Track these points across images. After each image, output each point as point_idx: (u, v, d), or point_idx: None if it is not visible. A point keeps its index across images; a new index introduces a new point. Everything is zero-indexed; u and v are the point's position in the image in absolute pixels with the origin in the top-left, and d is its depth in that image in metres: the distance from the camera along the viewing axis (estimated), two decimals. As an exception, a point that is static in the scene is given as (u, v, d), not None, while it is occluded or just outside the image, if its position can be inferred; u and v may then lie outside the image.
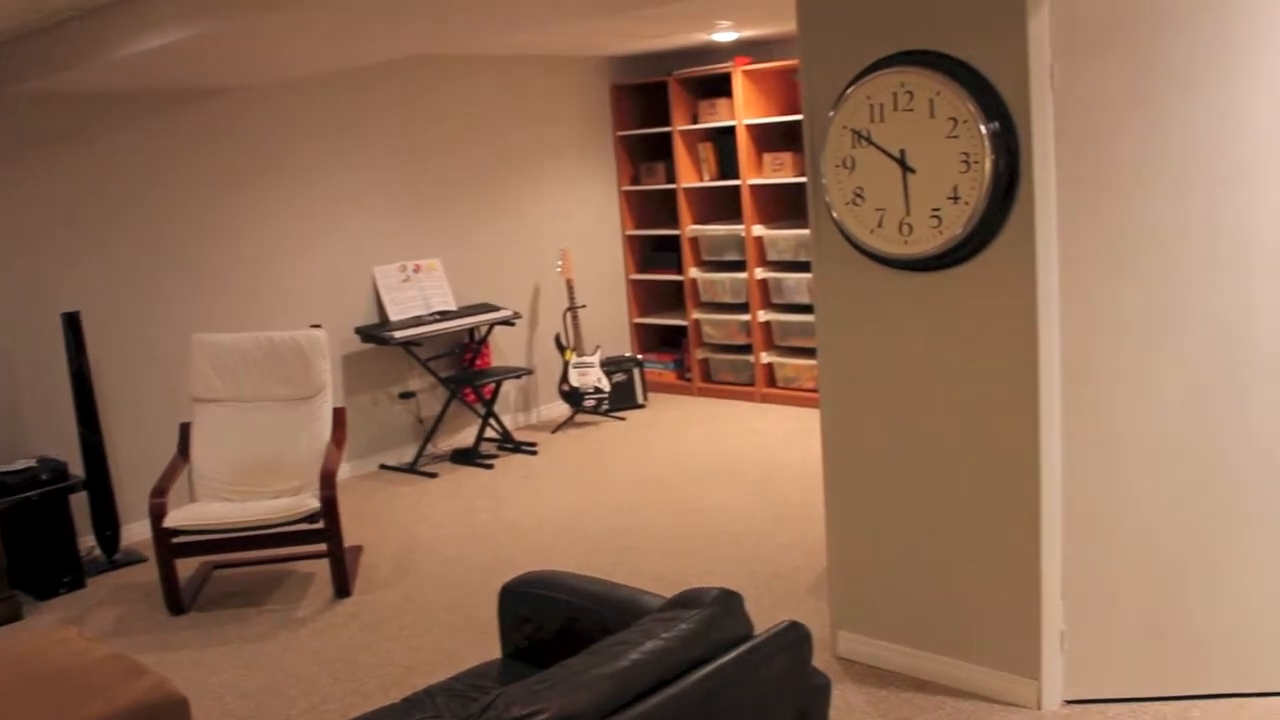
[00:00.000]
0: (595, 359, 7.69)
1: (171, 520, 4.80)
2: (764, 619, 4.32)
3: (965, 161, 3.30)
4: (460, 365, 7.45)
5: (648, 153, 8.65)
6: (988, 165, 3.26)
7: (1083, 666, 3.56)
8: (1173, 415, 3.39)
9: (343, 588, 4.98)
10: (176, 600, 4.91)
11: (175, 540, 4.83)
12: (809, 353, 7.70)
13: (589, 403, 7.66)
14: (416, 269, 7.19)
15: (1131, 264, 3.33)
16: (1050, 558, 3.48)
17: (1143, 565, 3.48)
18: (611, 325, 8.59)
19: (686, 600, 2.40)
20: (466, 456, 7.12)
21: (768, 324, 7.93)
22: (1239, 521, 3.44)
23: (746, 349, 8.16)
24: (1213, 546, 3.45)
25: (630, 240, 8.60)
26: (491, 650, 4.34)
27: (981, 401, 3.51)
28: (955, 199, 3.35)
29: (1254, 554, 3.45)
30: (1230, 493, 3.42)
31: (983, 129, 3.25)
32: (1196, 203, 3.28)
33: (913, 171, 3.43)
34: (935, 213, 3.40)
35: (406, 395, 7.25)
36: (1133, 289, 3.34)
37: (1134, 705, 3.55)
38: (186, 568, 5.52)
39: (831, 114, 3.58)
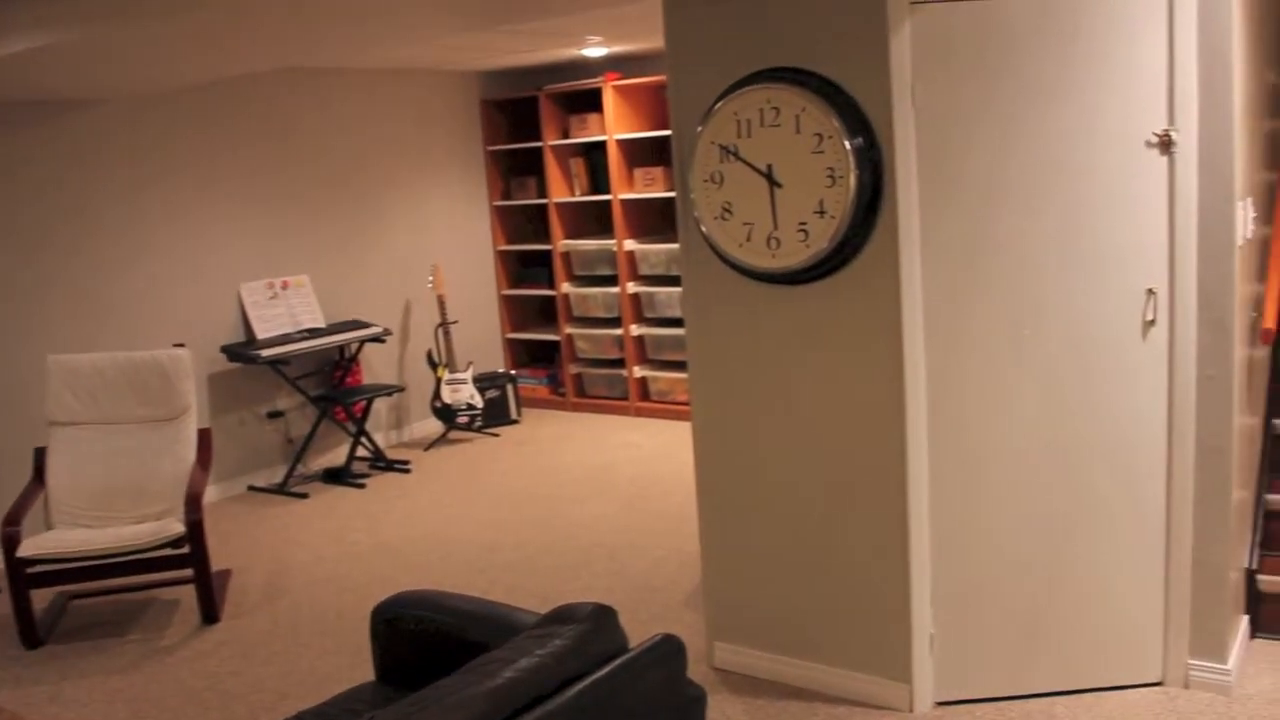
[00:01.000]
0: (468, 375, 7.63)
1: (26, 549, 4.61)
2: (640, 632, 4.33)
3: (831, 176, 3.37)
4: (330, 383, 7.32)
5: (519, 168, 8.64)
6: (852, 180, 3.33)
7: (952, 668, 3.64)
8: (1030, 421, 3.50)
9: (210, 614, 4.85)
10: (32, 633, 4.72)
11: (30, 570, 4.64)
12: (682, 366, 7.76)
13: (462, 419, 7.59)
14: (284, 286, 7.05)
15: (988, 275, 3.43)
16: (919, 563, 3.55)
17: (1007, 567, 3.59)
18: (484, 341, 8.54)
19: (561, 616, 2.40)
20: (338, 476, 7.00)
21: (640, 338, 7.96)
22: (1095, 522, 3.56)
23: (620, 363, 8.18)
24: (1071, 547, 3.57)
25: (502, 255, 8.57)
26: (365, 673, 4.26)
27: (849, 412, 3.58)
28: (821, 213, 3.41)
29: (1110, 553, 3.58)
30: (1085, 495, 3.54)
31: (847, 144, 3.32)
32: (1048, 214, 3.39)
33: (780, 186, 3.48)
34: (802, 226, 3.46)
35: (275, 415, 7.09)
36: (990, 300, 3.44)
37: (1001, 704, 3.65)
38: (42, 599, 5.31)
39: (700, 129, 3.62)
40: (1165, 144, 3.37)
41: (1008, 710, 3.61)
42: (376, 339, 7.23)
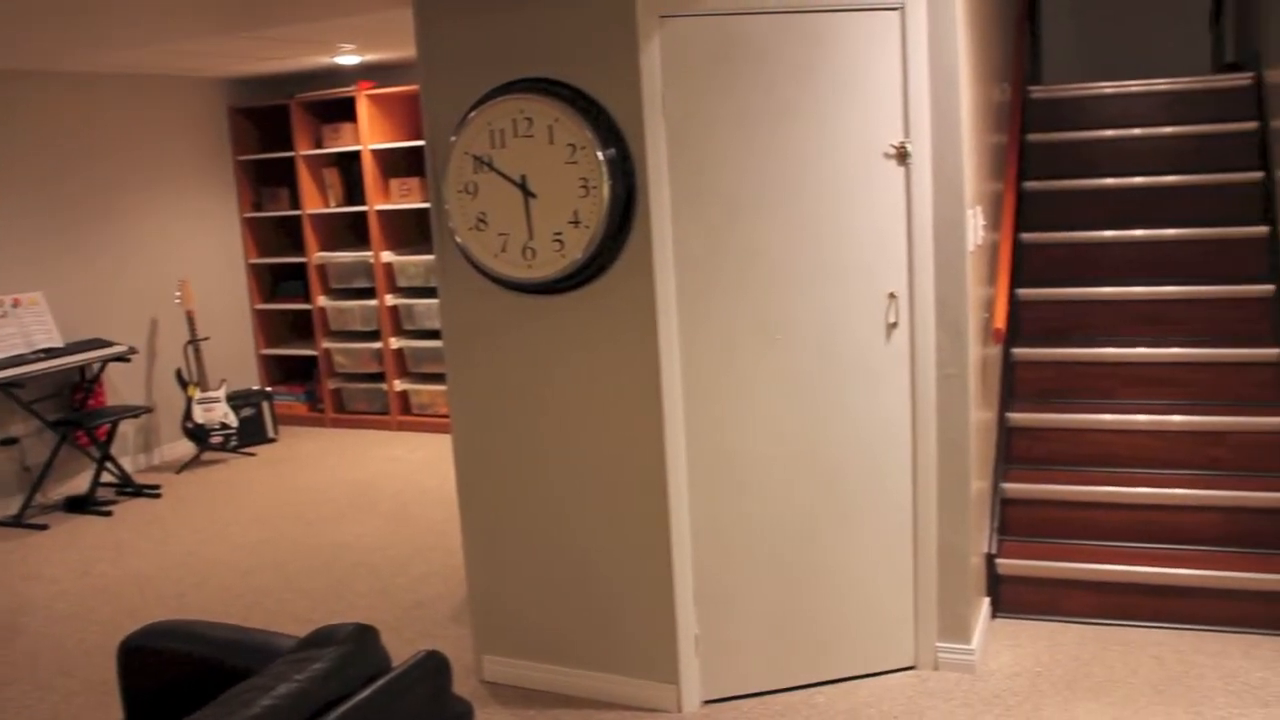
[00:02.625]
0: (221, 393, 7.34)
1: None
2: (406, 651, 4.25)
3: (585, 186, 3.40)
4: (70, 406, 6.90)
5: (270, 178, 8.36)
6: (606, 190, 3.36)
7: (718, 666, 3.72)
8: (783, 422, 3.62)
9: (-64, 660, 4.50)
10: None
11: None
12: (444, 378, 7.66)
13: (216, 440, 7.29)
14: (15, 303, 6.60)
15: (739, 282, 3.53)
16: (681, 565, 3.62)
17: (765, 564, 3.69)
18: (237, 358, 8.23)
19: (320, 639, 2.33)
20: (81, 504, 6.61)
21: (400, 351, 7.84)
22: (846, 517, 3.71)
23: (380, 377, 8.03)
24: (825, 542, 3.71)
25: (254, 269, 8.28)
26: (114, 713, 4.03)
27: (609, 419, 3.61)
28: (576, 223, 3.43)
29: (861, 546, 3.74)
30: (836, 491, 3.69)
31: (600, 155, 3.36)
32: (794, 223, 3.52)
33: (534, 196, 3.49)
34: (557, 236, 3.47)
35: (8, 442, 6.64)
36: (741, 306, 3.54)
37: (765, 698, 3.75)
38: None
39: (453, 139, 3.59)
40: (901, 156, 3.55)
41: (771, 704, 3.72)
42: (121, 358, 6.86)
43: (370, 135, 7.58)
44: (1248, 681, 3.69)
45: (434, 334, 7.69)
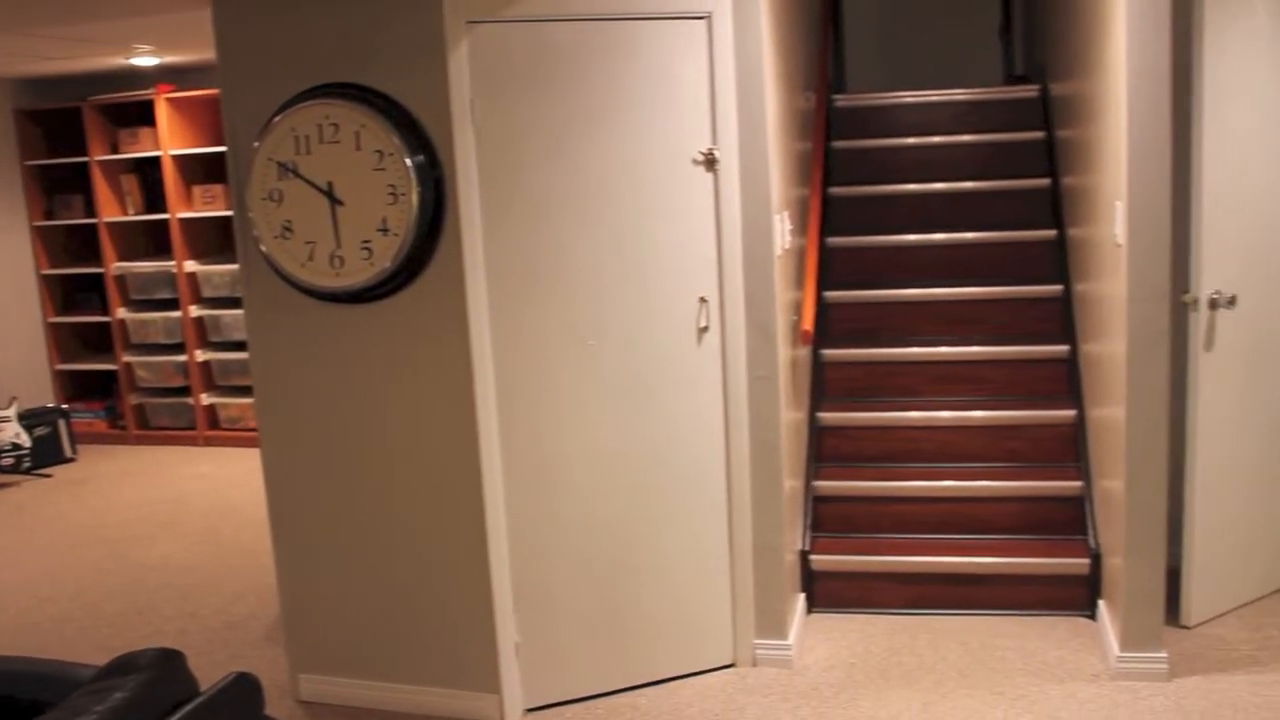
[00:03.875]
0: (11, 412, 6.96)
1: None
2: (217, 674, 4.11)
3: (393, 194, 3.34)
4: None
5: (63, 184, 7.97)
6: (414, 197, 3.32)
7: (539, 674, 3.71)
8: (598, 427, 3.63)
9: None
10: None
11: None
12: (252, 391, 7.44)
13: (7, 461, 6.92)
14: None
15: (552, 288, 3.53)
16: (500, 573, 3.59)
17: (584, 569, 3.70)
18: (29, 374, 7.82)
19: (121, 666, 2.22)
20: None
21: (207, 364, 7.57)
22: (663, 519, 3.75)
23: (185, 391, 7.74)
24: (643, 544, 3.74)
25: (46, 280, 7.88)
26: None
27: (422, 428, 3.56)
28: (385, 231, 3.38)
29: (678, 547, 3.78)
30: (653, 493, 3.72)
31: (408, 162, 3.31)
32: (605, 229, 3.54)
33: (341, 204, 3.41)
34: (366, 245, 3.41)
35: None
36: (555, 312, 3.54)
37: (589, 703, 3.76)
38: None
39: (256, 145, 3.49)
40: (710, 162, 3.60)
41: (594, 709, 3.73)
42: (-102, 378, 6.45)
43: (171, 140, 7.31)
44: (1045, 660, 3.87)
45: (242, 345, 7.46)
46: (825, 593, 4.38)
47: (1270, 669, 3.74)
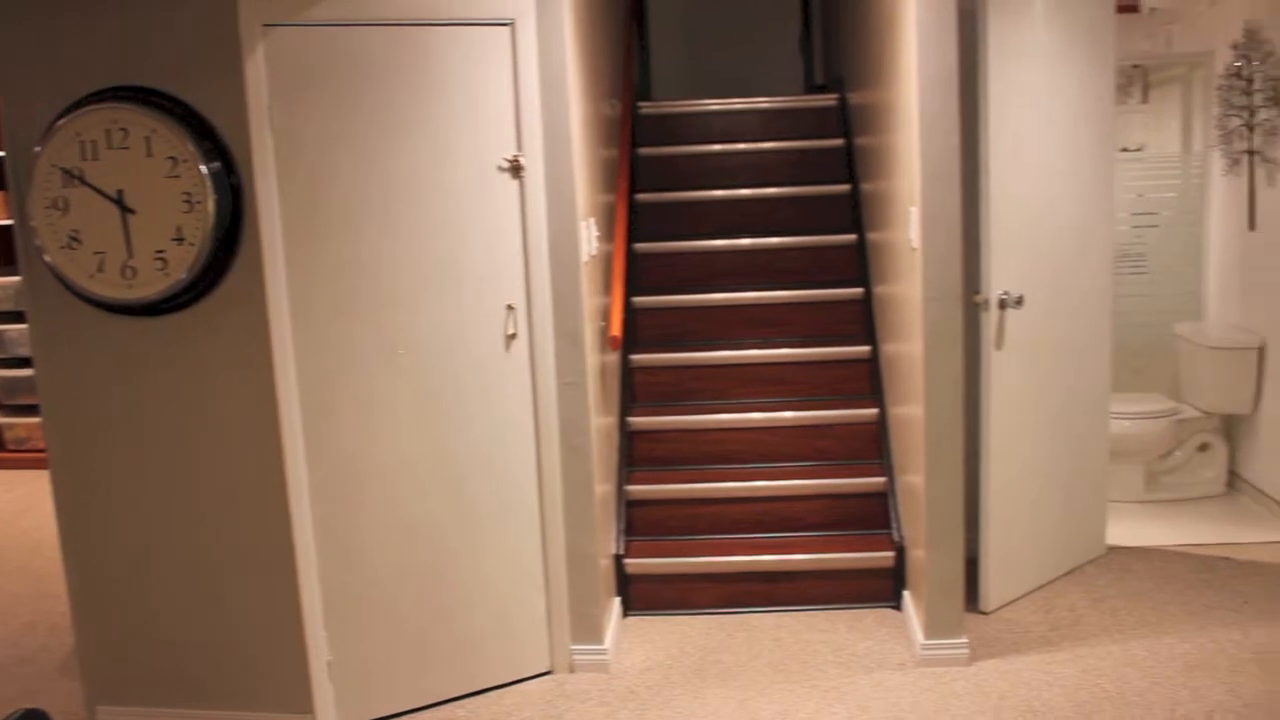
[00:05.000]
0: None
1: None
2: (6, 711, 3.89)
3: (188, 202, 3.23)
4: None
5: None
6: (210, 205, 3.21)
7: (354, 691, 3.63)
8: (408, 437, 3.58)
9: None
10: None
11: None
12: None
13: None
14: None
15: (358, 298, 3.46)
16: (309, 590, 3.50)
17: (397, 583, 3.63)
18: None
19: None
20: None
21: (-6, 382, 7.18)
22: (477, 528, 3.72)
23: (-30, 412, 7.32)
24: (457, 555, 3.70)
25: None
26: None
27: (224, 443, 3.44)
28: (180, 240, 3.25)
29: (493, 556, 3.75)
30: (466, 503, 3.69)
31: (203, 169, 3.20)
32: (411, 237, 3.49)
33: (133, 213, 3.27)
34: (160, 255, 3.28)
35: None
36: (362, 321, 3.47)
37: (406, 718, 3.69)
38: None
39: (38, 150, 3.32)
40: (516, 169, 3.59)
41: (410, 724, 3.67)
42: None
43: (-54, 148, 6.90)
44: (854, 652, 3.99)
45: (29, 361, 7.08)
46: (641, 596, 4.42)
47: (1060, 648, 3.94)
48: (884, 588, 4.36)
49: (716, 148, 5.78)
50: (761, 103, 5.98)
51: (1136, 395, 5.54)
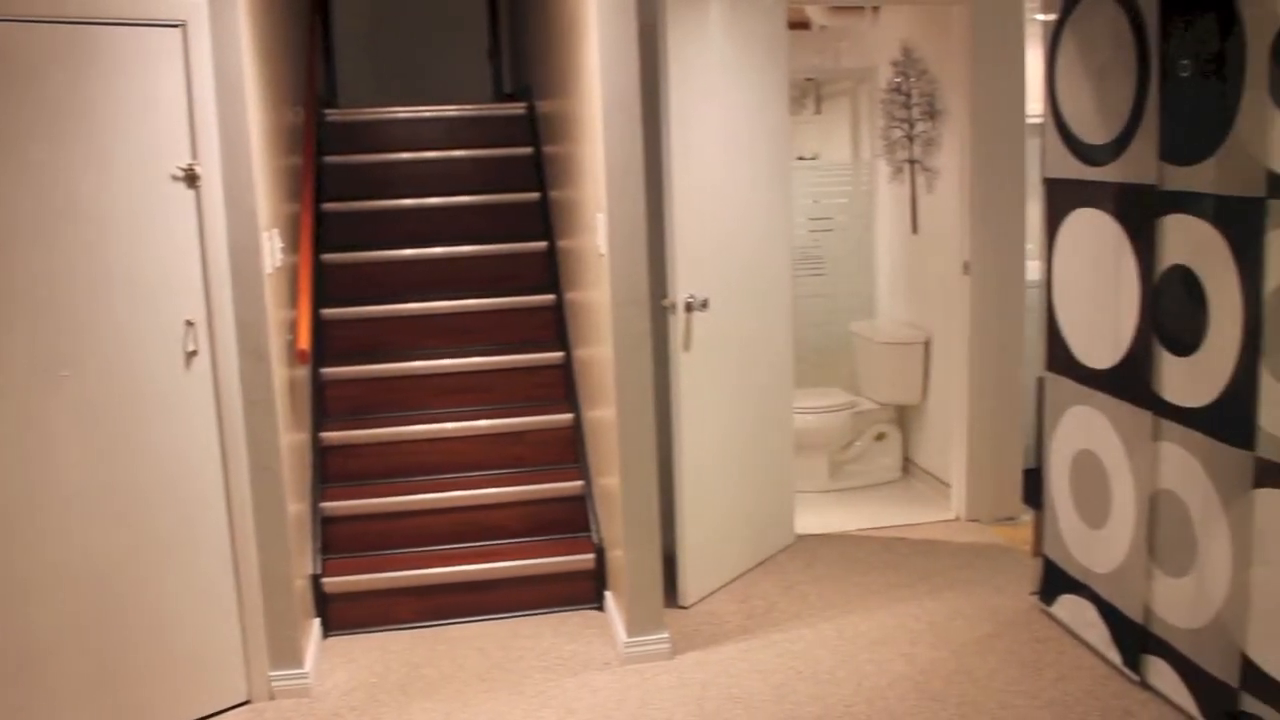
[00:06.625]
0: None
1: None
2: None
3: None
4: None
5: None
6: None
7: (22, 743, 3.37)
8: (78, 466, 3.34)
9: None
10: None
11: None
12: None
13: None
14: None
15: (13, 317, 3.20)
16: (-29, 638, 3.23)
17: (78, 622, 3.38)
18: None
19: None
20: None
21: None
22: (161, 557, 3.52)
23: None
24: (141, 587, 3.48)
25: None
26: None
27: None
28: None
29: (180, 585, 3.56)
30: (148, 532, 3.49)
31: None
32: (74, 251, 3.27)
33: None
34: None
35: None
36: (18, 343, 3.22)
37: (83, 767, 3.46)
38: None
39: None
40: (191, 178, 3.44)
41: (91, 771, 3.44)
42: None
43: None
44: (560, 655, 4.03)
45: None
46: (341, 615, 4.31)
47: (757, 636, 4.12)
48: (587, 589, 4.42)
49: (406, 156, 5.71)
50: (451, 110, 5.95)
51: (818, 390, 5.87)
